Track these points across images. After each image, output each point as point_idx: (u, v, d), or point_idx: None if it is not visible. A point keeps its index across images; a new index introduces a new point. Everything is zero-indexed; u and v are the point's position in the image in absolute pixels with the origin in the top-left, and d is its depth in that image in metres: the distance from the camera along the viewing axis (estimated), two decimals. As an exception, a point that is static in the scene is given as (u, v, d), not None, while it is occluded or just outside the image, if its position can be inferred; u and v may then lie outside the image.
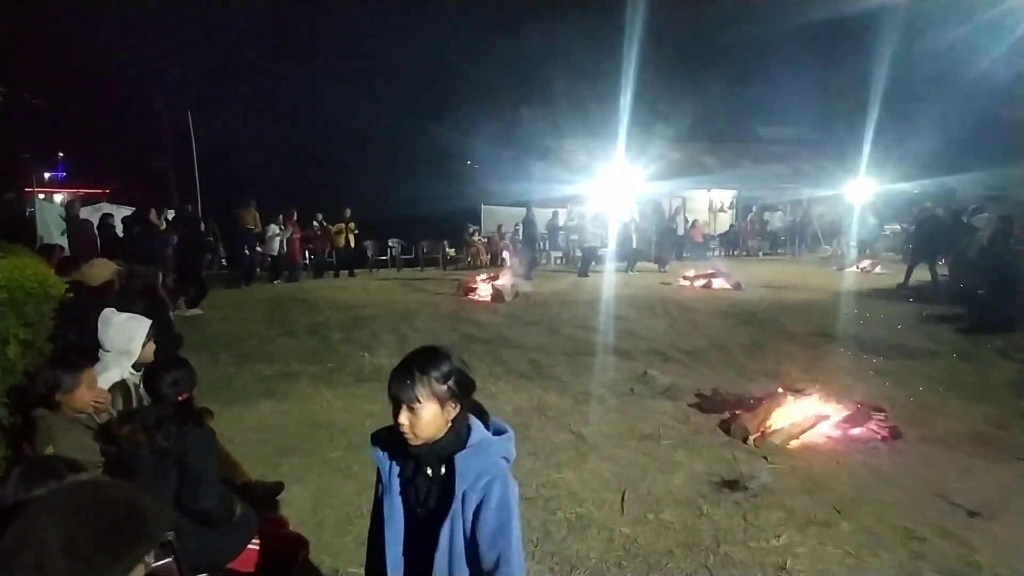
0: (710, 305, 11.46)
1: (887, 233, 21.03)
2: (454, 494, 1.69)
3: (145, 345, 3.52)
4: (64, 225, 12.34)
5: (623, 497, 4.18)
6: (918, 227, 14.24)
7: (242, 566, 2.79)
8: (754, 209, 25.25)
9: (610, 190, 20.15)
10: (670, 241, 19.74)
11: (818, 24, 23.23)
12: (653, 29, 23.22)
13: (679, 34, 27.22)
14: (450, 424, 1.74)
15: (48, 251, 7.86)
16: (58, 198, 19.85)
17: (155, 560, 1.31)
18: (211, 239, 14.80)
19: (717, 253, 22.88)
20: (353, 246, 16.42)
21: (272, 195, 16.29)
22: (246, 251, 14.53)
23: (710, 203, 26.08)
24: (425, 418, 1.69)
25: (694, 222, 22.82)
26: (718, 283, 13.75)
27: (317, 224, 15.95)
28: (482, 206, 22.54)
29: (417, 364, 1.71)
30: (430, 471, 1.75)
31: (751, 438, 5.09)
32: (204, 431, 2.74)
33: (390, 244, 18.89)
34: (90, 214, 13.76)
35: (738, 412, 5.49)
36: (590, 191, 21.09)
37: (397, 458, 1.81)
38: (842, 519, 3.91)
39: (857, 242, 18.95)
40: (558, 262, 20.15)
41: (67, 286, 4.59)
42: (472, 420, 1.79)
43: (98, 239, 12.31)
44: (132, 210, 12.19)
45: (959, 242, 13.22)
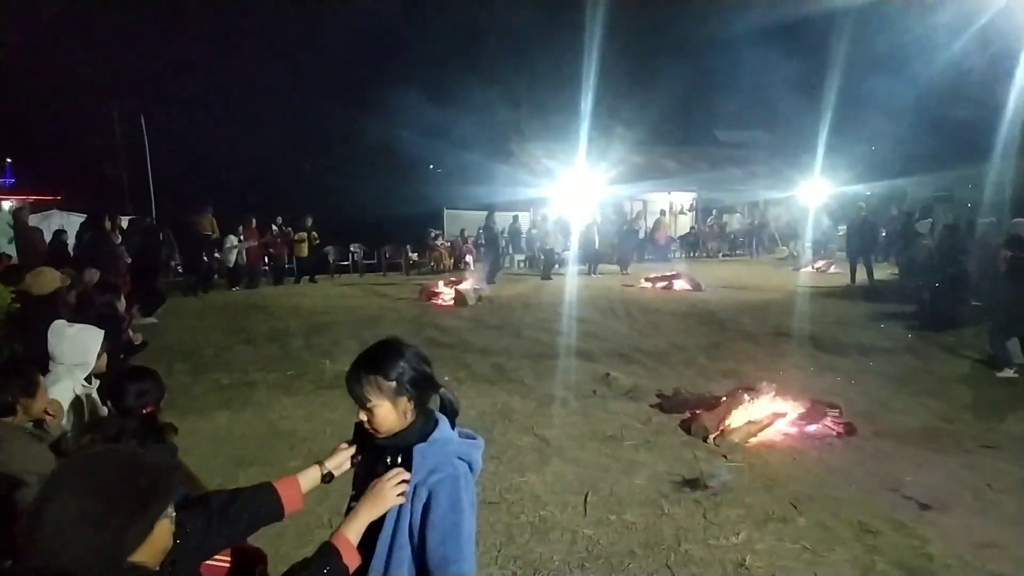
0: (671, 306, 11.61)
1: (840, 234, 21.57)
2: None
3: (100, 356, 3.44)
4: (11, 233, 11.90)
5: (586, 499, 4.20)
6: (849, 228, 14.88)
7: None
8: (713, 211, 25.69)
9: (572, 193, 20.30)
10: (632, 243, 19.94)
11: (773, 29, 23.83)
12: (613, 35, 23.52)
13: (638, 40, 27.62)
14: (411, 418, 1.74)
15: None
16: (7, 205, 19.15)
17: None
18: (167, 246, 14.43)
19: (678, 255, 23.18)
20: (317, 247, 16.20)
21: (230, 200, 15.97)
22: (203, 258, 14.22)
23: (670, 206, 26.44)
24: (380, 415, 1.71)
25: (655, 224, 23.10)
26: (679, 285, 13.93)
27: (277, 229, 15.67)
28: (445, 210, 22.48)
29: (365, 364, 1.73)
30: (389, 460, 1.76)
31: (711, 437, 5.17)
32: (166, 447, 2.67)
33: (352, 249, 18.71)
34: (39, 221, 13.32)
35: (698, 412, 5.57)
36: (553, 194, 21.21)
37: (369, 446, 1.84)
38: (799, 515, 3.99)
39: (812, 243, 19.40)
40: (521, 265, 20.20)
41: (13, 296, 4.45)
42: (440, 418, 1.79)
43: (47, 247, 11.91)
44: (85, 217, 11.83)
45: (907, 243, 13.68)
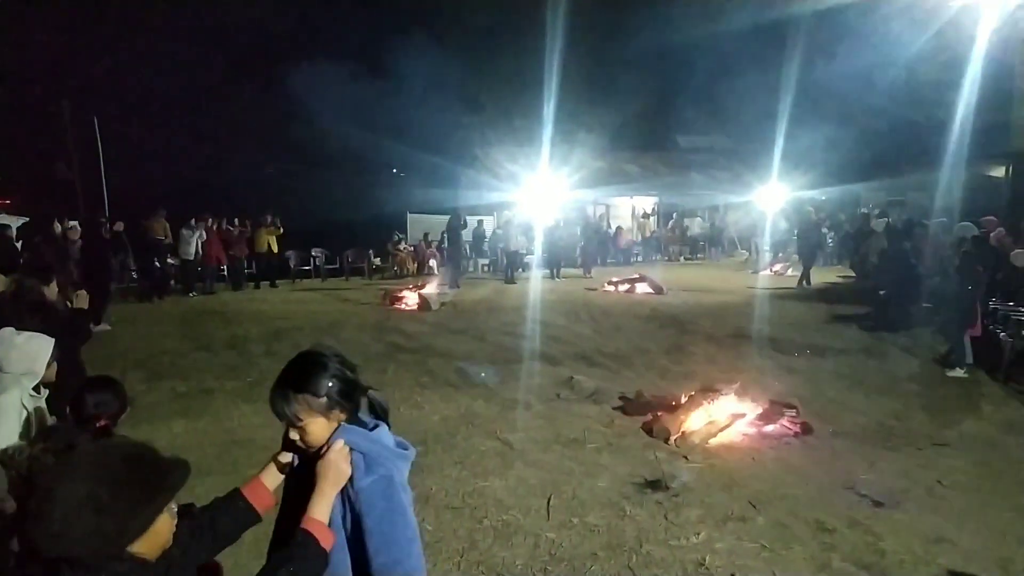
0: (633, 309, 11.71)
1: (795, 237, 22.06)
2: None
3: (49, 365, 3.32)
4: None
5: (549, 502, 4.21)
6: (799, 232, 15.37)
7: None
8: (675, 215, 26.06)
9: (536, 197, 20.38)
10: (595, 247, 20.09)
11: (732, 35, 24.21)
12: (575, 41, 23.70)
13: (600, 46, 27.89)
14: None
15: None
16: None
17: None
18: (121, 250, 14.03)
19: (640, 259, 23.42)
20: (276, 251, 15.89)
21: (186, 205, 15.57)
22: (156, 263, 13.87)
23: (633, 210, 26.73)
24: (313, 432, 1.65)
25: (618, 228, 23.31)
26: (641, 288, 14.06)
27: (234, 228, 15.27)
28: (408, 214, 22.34)
29: (291, 382, 1.65)
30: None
31: (672, 439, 5.23)
32: None
33: (313, 254, 18.43)
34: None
35: (660, 414, 5.63)
36: (516, 198, 21.25)
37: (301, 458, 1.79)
38: (758, 514, 4.06)
39: (770, 246, 19.79)
40: (485, 269, 20.18)
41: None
42: (379, 426, 1.76)
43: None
44: (26, 221, 11.41)
45: (860, 242, 14.10)
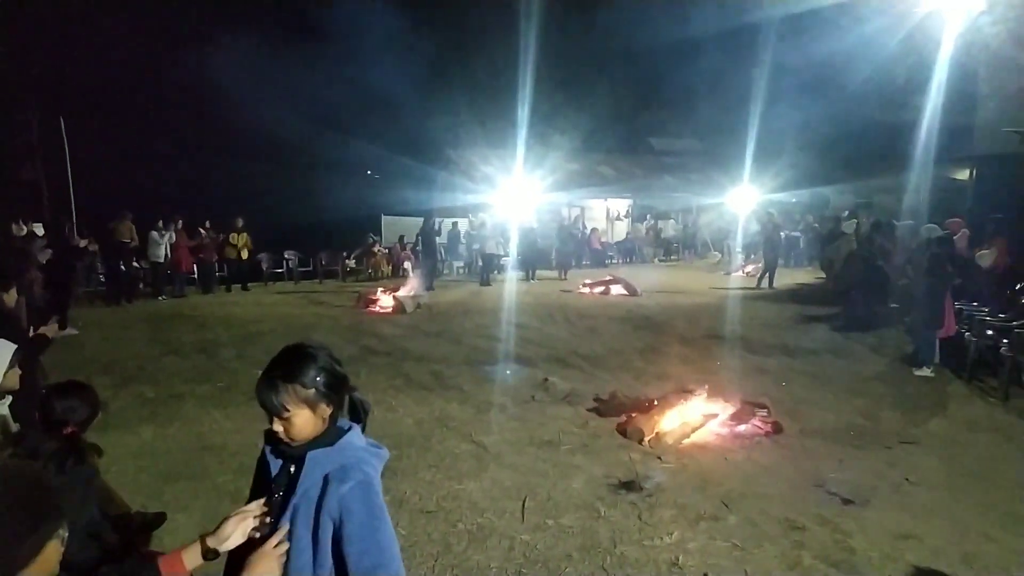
0: (608, 311, 11.78)
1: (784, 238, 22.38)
2: (295, 490, 1.64)
3: (8, 372, 3.23)
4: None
5: (523, 504, 4.21)
6: (760, 234, 15.70)
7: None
8: (648, 217, 26.27)
9: (511, 199, 20.41)
10: (570, 249, 20.17)
11: (705, 40, 24.56)
12: (549, 44, 23.80)
13: (573, 50, 28.01)
14: (328, 422, 1.70)
15: None
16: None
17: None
18: (88, 253, 13.74)
19: (615, 260, 23.56)
20: (246, 257, 15.68)
21: (156, 207, 15.29)
22: (122, 266, 13.60)
23: (607, 212, 26.90)
24: (298, 424, 1.64)
25: (592, 230, 23.43)
26: (616, 290, 14.16)
27: (204, 232, 15.06)
28: (383, 216, 22.22)
29: (281, 372, 1.64)
30: (292, 468, 1.69)
31: (646, 439, 5.26)
32: (83, 470, 2.53)
33: (286, 256, 18.22)
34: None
35: (634, 415, 5.66)
36: (491, 200, 21.25)
37: (276, 456, 1.75)
38: (730, 513, 4.10)
39: (742, 248, 20.05)
40: (460, 271, 20.14)
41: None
42: (352, 427, 1.75)
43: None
44: None
45: (828, 243, 14.37)
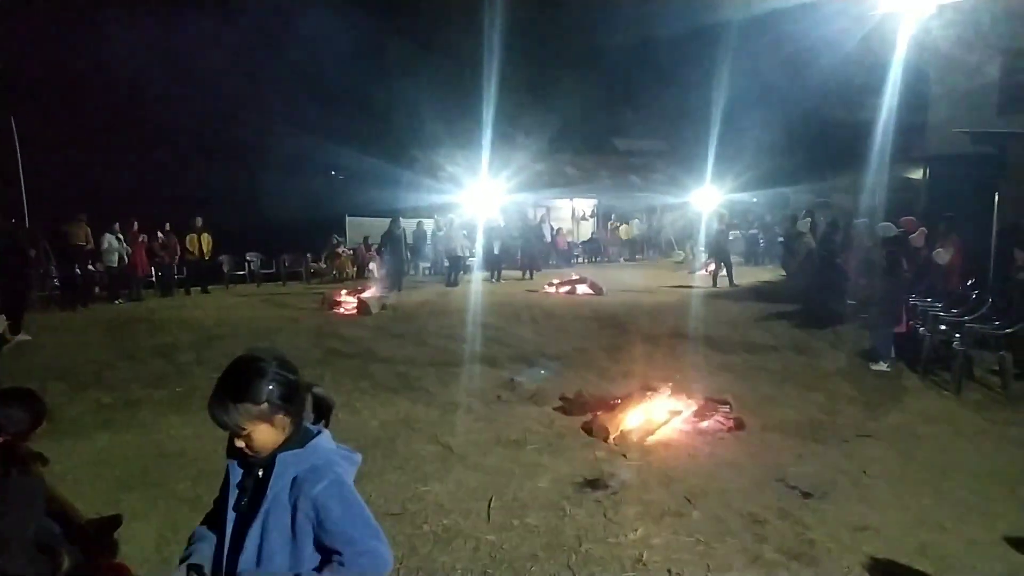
0: (574, 311, 11.83)
1: (731, 238, 22.73)
2: (266, 494, 1.61)
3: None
4: None
5: (489, 505, 4.19)
6: (715, 233, 16.06)
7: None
8: (613, 217, 26.50)
9: (477, 200, 20.38)
10: (536, 249, 20.22)
11: (668, 42, 24.88)
12: (513, 44, 23.83)
13: (538, 50, 28.11)
14: (291, 429, 1.67)
15: None
16: None
17: None
18: (39, 257, 13.32)
19: (580, 260, 23.70)
20: (208, 258, 15.38)
21: (112, 208, 14.91)
22: (77, 270, 13.23)
23: (573, 212, 27.06)
24: (259, 439, 1.61)
25: (558, 230, 23.54)
26: (582, 289, 14.24)
27: (162, 235, 14.73)
28: (347, 217, 22.02)
29: (229, 392, 1.59)
30: (261, 472, 1.67)
31: (611, 437, 5.29)
32: (26, 481, 2.44)
33: (248, 258, 17.93)
34: None
35: (599, 413, 5.69)
36: (457, 201, 21.20)
37: (242, 465, 1.72)
38: (693, 509, 4.14)
39: (705, 246, 20.33)
40: (426, 272, 20.05)
41: None
42: (319, 433, 1.72)
43: None
44: None
45: (788, 243, 14.69)
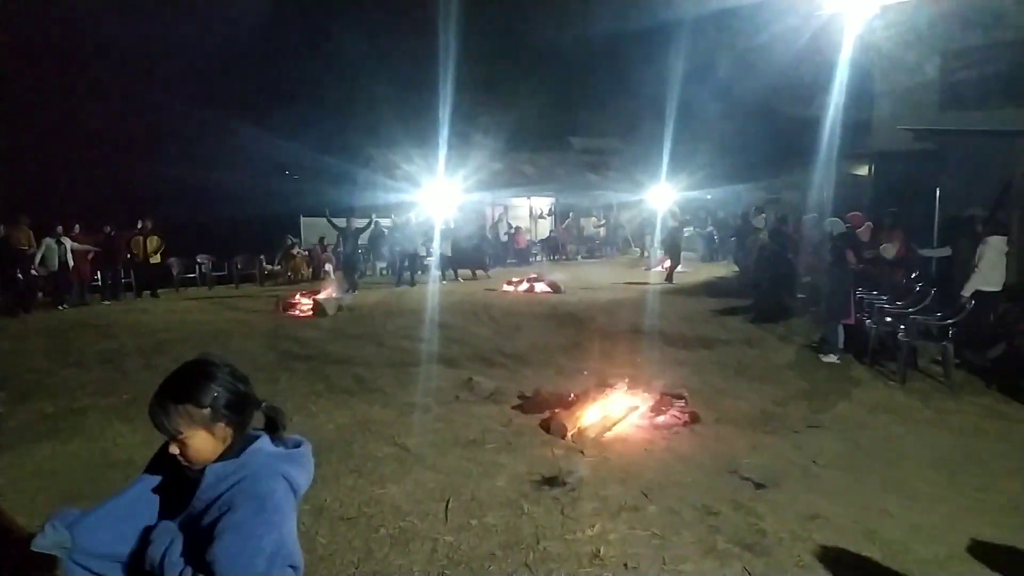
0: (532, 309, 11.86)
1: (687, 235, 23.09)
2: (188, 506, 1.54)
3: None
4: None
5: (447, 505, 4.17)
6: (670, 230, 16.47)
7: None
8: (571, 215, 26.66)
9: (434, 199, 20.28)
10: (493, 248, 20.23)
11: (623, 41, 25.13)
12: (469, 43, 23.79)
13: (496, 49, 28.11)
14: (230, 442, 1.59)
15: None
16: None
17: None
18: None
19: (539, 258, 23.79)
20: (157, 261, 14.93)
21: (53, 210, 14.39)
22: (19, 275, 12.72)
23: (531, 210, 27.15)
24: (195, 446, 1.54)
25: (516, 228, 23.58)
26: (540, 287, 14.29)
27: (104, 236, 14.15)
28: (302, 217, 21.68)
29: (171, 392, 1.54)
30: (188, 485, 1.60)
31: (569, 435, 5.32)
32: None
33: (199, 260, 17.46)
34: None
35: (557, 410, 5.71)
36: (414, 200, 21.07)
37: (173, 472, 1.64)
38: (650, 503, 4.19)
39: (660, 244, 20.61)
40: (383, 272, 19.86)
41: None
42: (258, 439, 1.63)
43: None
44: None
45: (742, 239, 15.02)
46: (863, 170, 17.48)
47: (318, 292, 12.86)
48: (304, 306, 12.04)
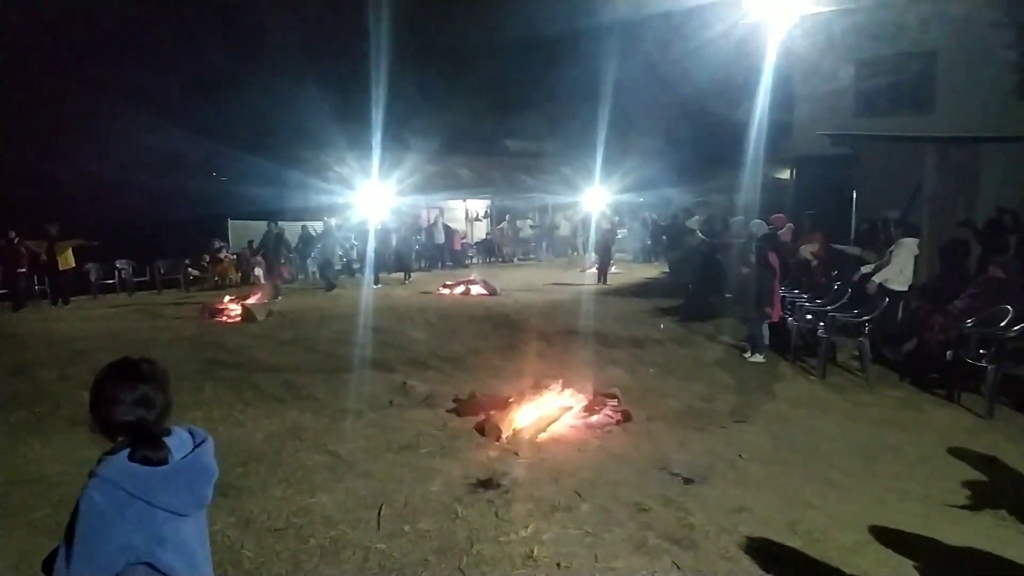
0: (468, 311, 11.83)
1: (620, 236, 23.50)
2: None
3: None
4: None
5: (379, 512, 4.10)
6: (603, 232, 16.96)
7: None
8: (507, 217, 26.77)
9: (368, 201, 20.02)
10: (428, 250, 20.11)
11: (557, 43, 25.32)
12: (404, 44, 23.56)
13: (430, 51, 27.93)
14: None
15: None
16: None
17: None
18: None
19: (475, 260, 23.76)
20: (68, 267, 14.11)
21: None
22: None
23: (466, 212, 27.11)
24: None
25: (452, 231, 23.49)
26: (476, 290, 14.26)
27: (5, 242, 13.24)
28: (229, 220, 21.01)
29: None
30: None
31: (504, 436, 5.32)
32: None
33: (118, 266, 16.63)
34: None
35: (492, 413, 5.70)
36: (347, 202, 20.74)
37: None
38: (583, 502, 4.23)
39: (594, 245, 20.92)
40: (315, 275, 19.43)
41: None
42: (122, 450, 1.72)
43: None
44: None
45: (674, 241, 15.42)
46: (785, 174, 18.22)
47: (246, 297, 12.49)
48: (232, 312, 11.66)
